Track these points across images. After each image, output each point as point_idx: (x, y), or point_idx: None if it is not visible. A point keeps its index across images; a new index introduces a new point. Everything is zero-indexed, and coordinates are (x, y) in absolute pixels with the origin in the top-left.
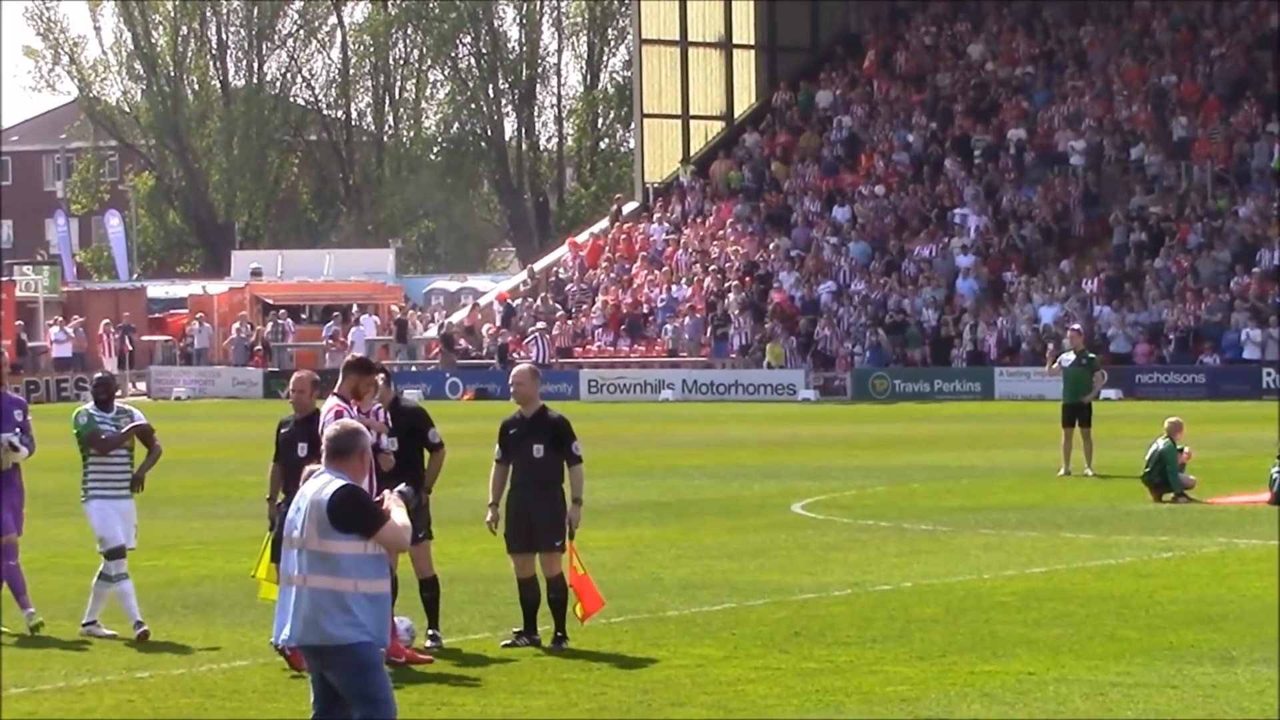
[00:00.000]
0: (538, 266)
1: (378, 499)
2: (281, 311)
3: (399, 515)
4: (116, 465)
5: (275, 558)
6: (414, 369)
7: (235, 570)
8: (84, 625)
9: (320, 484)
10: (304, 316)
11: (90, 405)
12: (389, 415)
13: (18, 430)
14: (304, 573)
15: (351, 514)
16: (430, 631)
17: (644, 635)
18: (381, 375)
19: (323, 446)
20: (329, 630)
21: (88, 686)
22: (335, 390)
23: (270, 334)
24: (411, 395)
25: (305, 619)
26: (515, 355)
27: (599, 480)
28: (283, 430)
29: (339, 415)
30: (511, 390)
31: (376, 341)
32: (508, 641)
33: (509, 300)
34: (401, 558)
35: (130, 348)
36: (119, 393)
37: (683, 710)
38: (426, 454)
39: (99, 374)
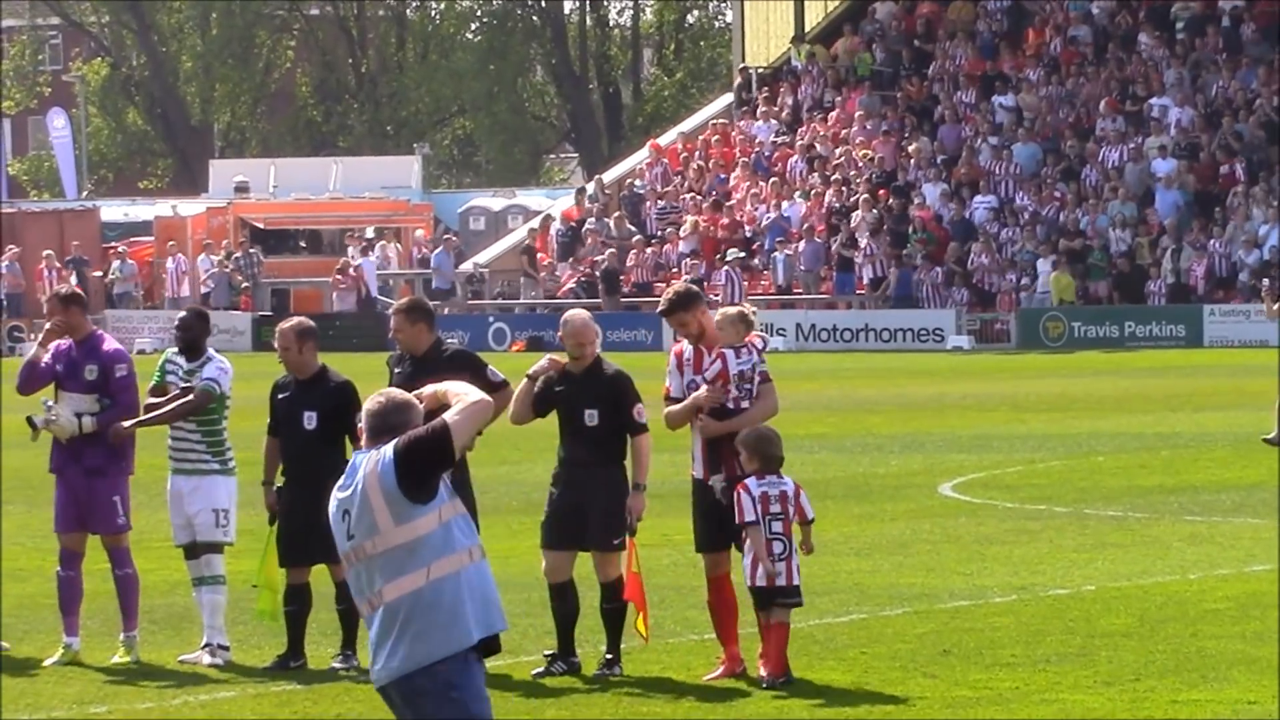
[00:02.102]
0: (607, 177)
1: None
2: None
3: (455, 391)
4: (185, 435)
5: (285, 560)
6: (447, 311)
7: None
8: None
9: (368, 462)
10: (303, 245)
11: (173, 350)
12: (428, 363)
13: (96, 396)
14: (382, 585)
15: (425, 453)
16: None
17: (745, 656)
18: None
19: (361, 423)
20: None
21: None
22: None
23: (246, 265)
24: (451, 342)
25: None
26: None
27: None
28: (280, 395)
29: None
30: (562, 338)
31: (398, 277)
32: (539, 670)
33: (574, 222)
34: None
35: (81, 287)
36: (203, 334)
37: None
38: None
39: (187, 307)
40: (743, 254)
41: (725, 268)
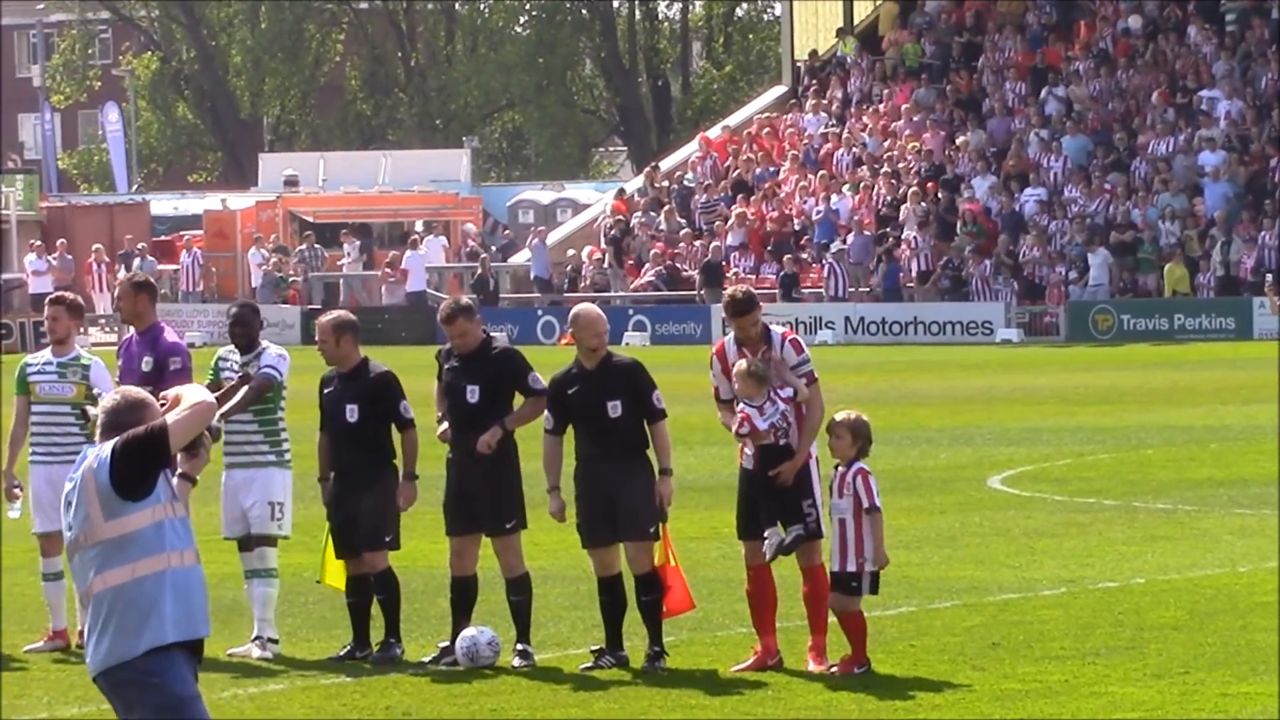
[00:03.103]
0: (659, 168)
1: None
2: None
3: (186, 395)
4: (240, 428)
5: (337, 553)
6: (499, 305)
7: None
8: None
9: (91, 457)
10: (353, 238)
11: (226, 348)
12: (475, 360)
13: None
14: (93, 577)
15: (139, 451)
16: (519, 645)
17: (793, 648)
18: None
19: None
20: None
21: (77, 717)
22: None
23: (308, 260)
24: (498, 336)
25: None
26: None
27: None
28: (325, 390)
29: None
30: (573, 335)
31: (446, 270)
32: (587, 665)
33: (624, 215)
34: (485, 551)
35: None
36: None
37: None
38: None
39: (238, 302)
40: (844, 245)
41: (829, 260)
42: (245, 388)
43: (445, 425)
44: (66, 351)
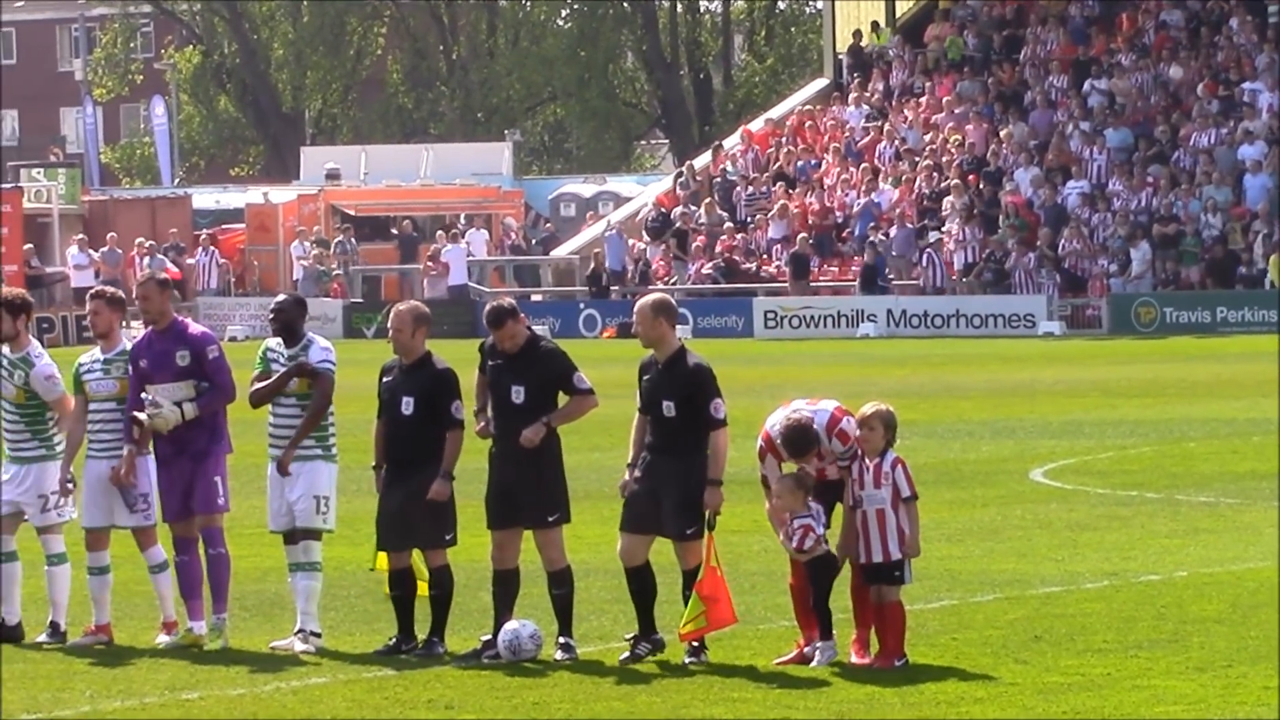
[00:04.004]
0: (698, 163)
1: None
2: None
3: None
4: (285, 420)
5: (381, 544)
6: (537, 298)
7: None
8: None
9: None
10: (394, 232)
11: (274, 340)
12: (521, 359)
13: (192, 381)
14: None
15: None
16: (561, 639)
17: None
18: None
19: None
20: None
21: (119, 712)
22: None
23: (341, 252)
24: (539, 330)
25: None
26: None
27: None
28: (384, 379)
29: None
30: (636, 330)
31: (488, 263)
32: (625, 655)
33: (664, 208)
34: (527, 544)
35: (179, 274)
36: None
37: None
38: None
39: (280, 296)
40: (941, 233)
41: (927, 250)
42: (314, 403)
43: (483, 423)
44: (112, 346)
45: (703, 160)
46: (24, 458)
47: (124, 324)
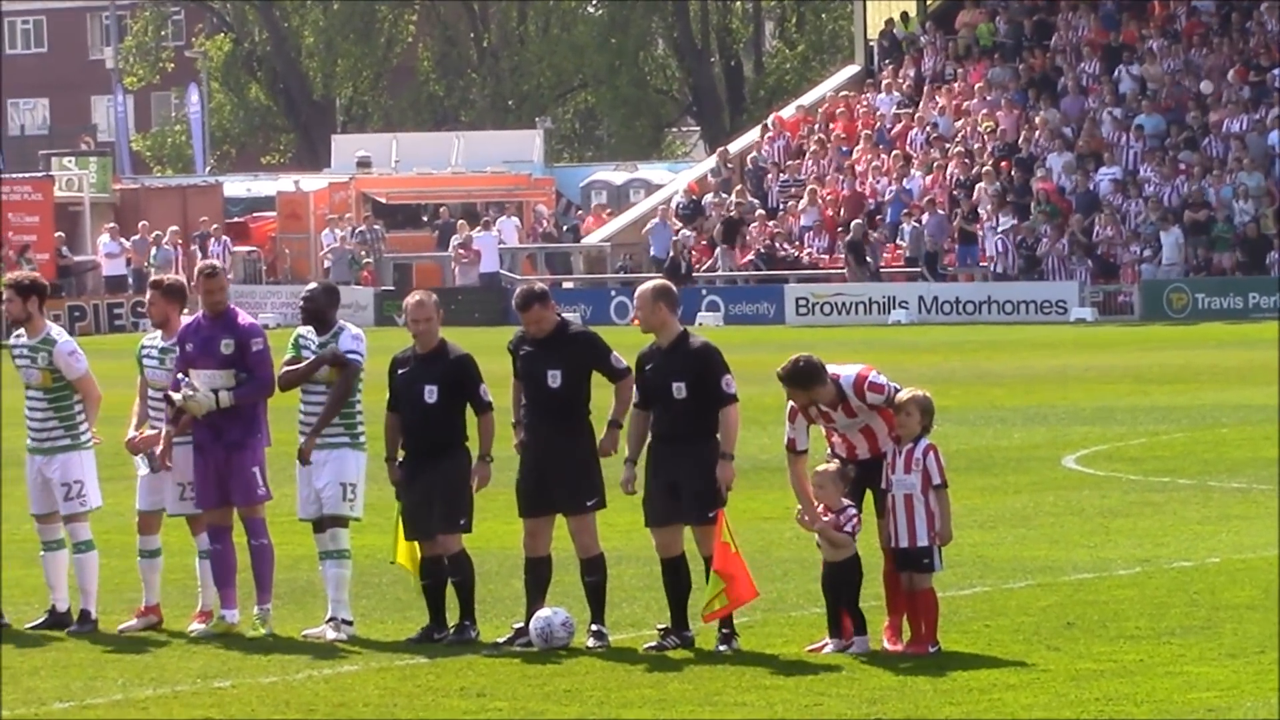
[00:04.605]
0: (730, 150)
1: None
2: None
3: None
4: (315, 409)
5: (409, 534)
6: (569, 285)
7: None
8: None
9: None
10: (425, 220)
11: (305, 328)
12: (553, 343)
13: (232, 371)
14: None
15: None
16: (594, 626)
17: (868, 628)
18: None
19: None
20: None
21: (151, 699)
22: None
23: (369, 240)
24: (571, 317)
25: None
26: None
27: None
28: (400, 370)
29: None
30: (636, 316)
31: (519, 251)
32: (651, 644)
33: (696, 195)
34: (559, 531)
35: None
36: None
37: None
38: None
39: (311, 284)
40: (1014, 221)
41: (999, 236)
42: (335, 391)
43: (522, 436)
44: (170, 335)
45: (738, 145)
46: (51, 448)
47: (183, 311)
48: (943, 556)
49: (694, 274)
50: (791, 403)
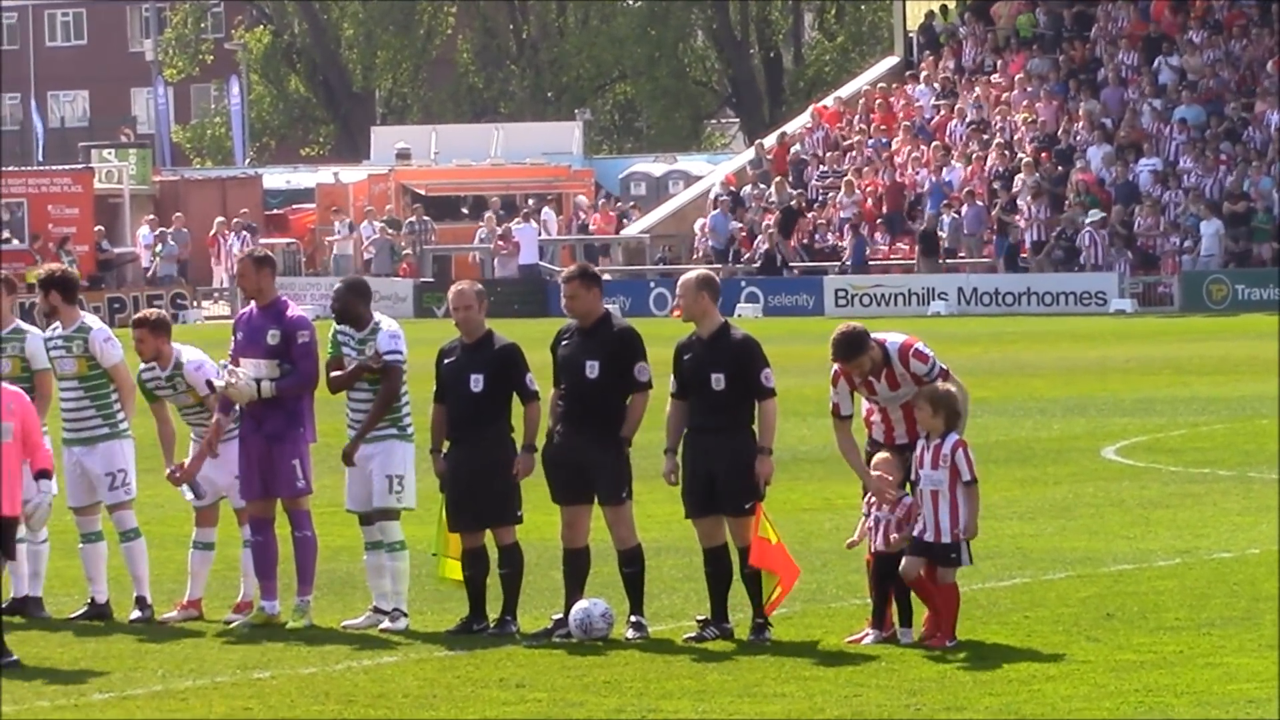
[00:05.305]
0: (768, 142)
1: None
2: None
3: None
4: (362, 405)
5: (453, 525)
6: (608, 277)
7: None
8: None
9: None
10: (465, 211)
11: (340, 324)
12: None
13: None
14: None
15: None
16: (633, 617)
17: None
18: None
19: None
20: None
21: (191, 690)
22: None
23: (417, 232)
24: (614, 311)
25: None
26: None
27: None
28: (446, 360)
29: None
30: (677, 304)
31: (558, 242)
32: (690, 635)
33: (734, 187)
34: (597, 523)
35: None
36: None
37: (961, 716)
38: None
39: (345, 278)
40: (1103, 214)
41: (1087, 229)
42: (380, 395)
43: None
44: (165, 366)
45: (774, 138)
46: (90, 438)
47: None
48: (971, 551)
49: (789, 264)
50: (835, 366)
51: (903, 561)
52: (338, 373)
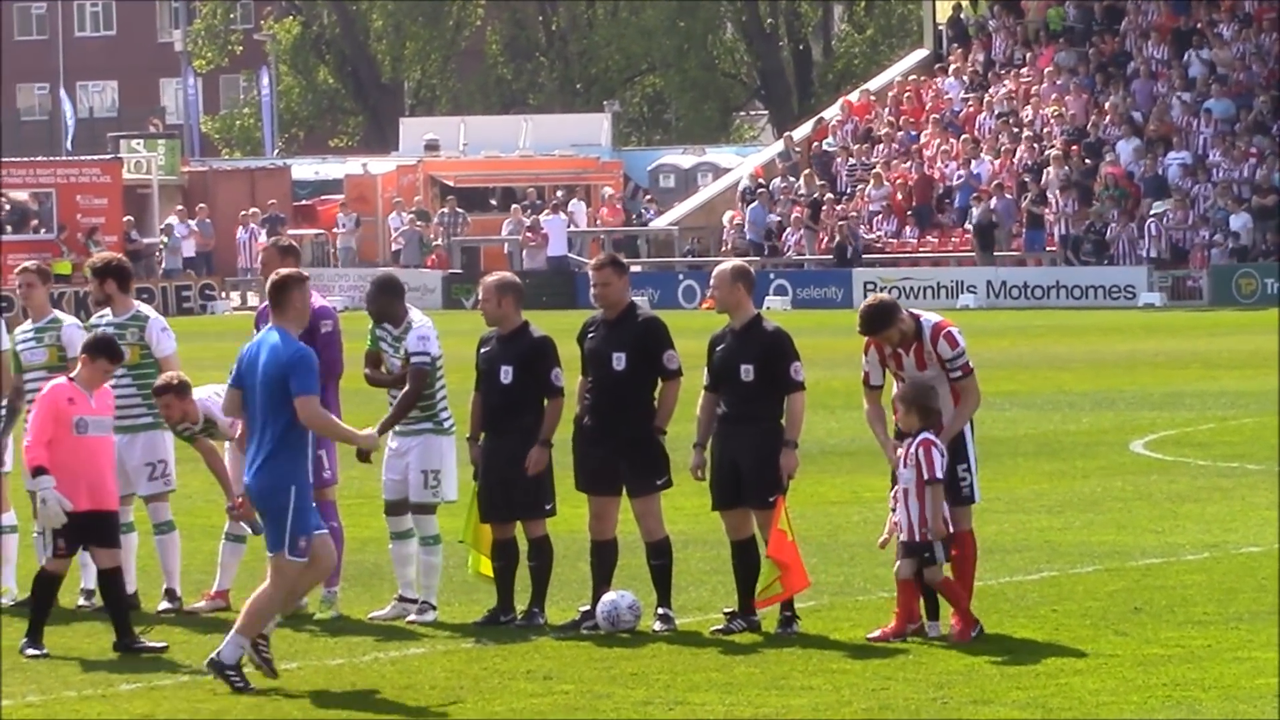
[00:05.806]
0: (797, 135)
1: None
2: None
3: None
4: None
5: (484, 516)
6: (637, 269)
7: None
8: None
9: None
10: (493, 203)
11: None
12: (620, 326)
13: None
14: None
15: None
16: (660, 610)
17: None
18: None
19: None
20: None
21: (218, 681)
22: None
23: (449, 224)
24: (639, 301)
25: None
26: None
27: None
28: (482, 350)
29: None
30: (711, 294)
31: (587, 235)
32: (718, 628)
33: (763, 179)
34: (625, 515)
35: None
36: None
37: (989, 709)
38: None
39: (375, 278)
40: (1166, 205)
41: (1151, 220)
42: (404, 391)
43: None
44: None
45: (803, 131)
46: (133, 426)
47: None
48: (943, 550)
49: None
50: (866, 336)
51: (896, 565)
52: (370, 371)
